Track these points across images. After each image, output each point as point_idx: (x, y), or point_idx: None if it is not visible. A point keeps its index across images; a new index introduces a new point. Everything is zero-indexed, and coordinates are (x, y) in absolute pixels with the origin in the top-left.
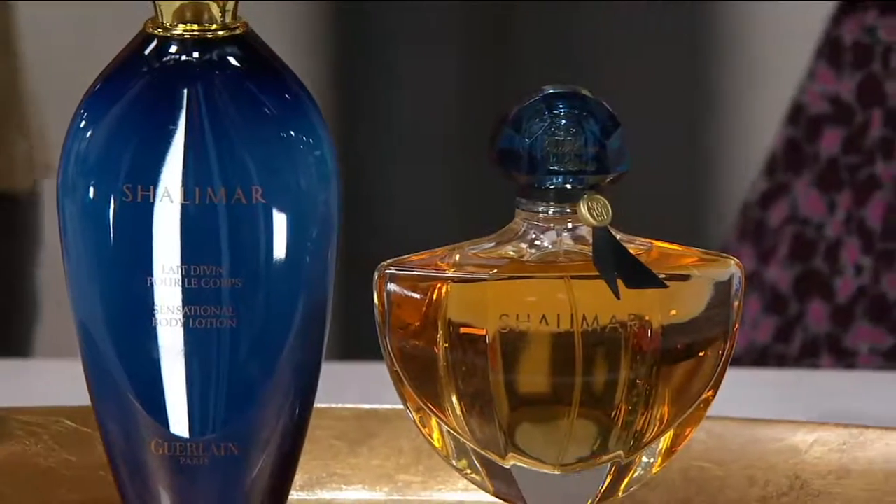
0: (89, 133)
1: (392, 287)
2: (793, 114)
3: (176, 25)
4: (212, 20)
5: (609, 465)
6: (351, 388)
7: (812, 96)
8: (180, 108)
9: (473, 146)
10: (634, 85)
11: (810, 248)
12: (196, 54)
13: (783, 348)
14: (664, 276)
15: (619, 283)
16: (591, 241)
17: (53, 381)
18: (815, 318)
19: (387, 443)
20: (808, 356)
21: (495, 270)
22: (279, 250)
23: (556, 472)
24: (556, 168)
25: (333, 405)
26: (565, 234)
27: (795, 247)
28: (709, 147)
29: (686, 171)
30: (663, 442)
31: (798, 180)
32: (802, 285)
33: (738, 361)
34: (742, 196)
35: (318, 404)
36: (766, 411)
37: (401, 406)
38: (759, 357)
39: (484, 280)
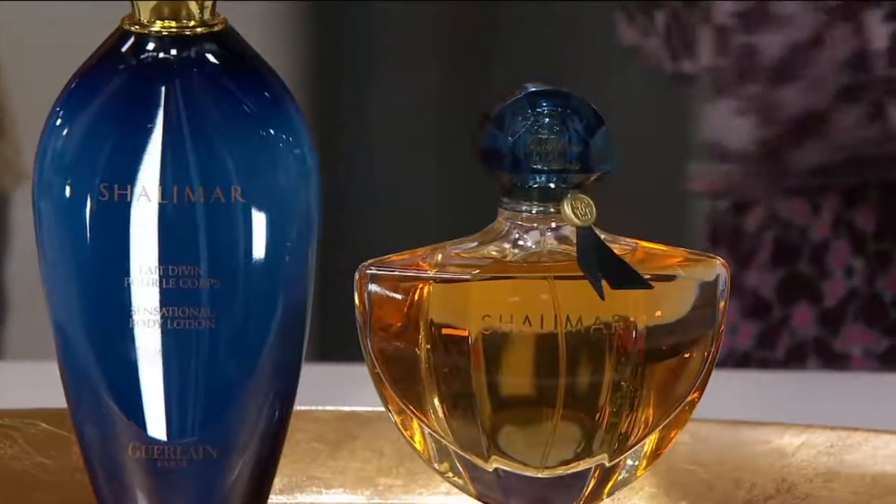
0: (65, 131)
1: (373, 287)
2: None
3: (153, 22)
4: (190, 17)
5: (593, 467)
6: (331, 390)
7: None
8: (158, 105)
9: (455, 145)
10: (618, 83)
11: (794, 251)
12: (174, 51)
13: (767, 353)
14: (649, 276)
15: (604, 283)
16: (574, 241)
17: (26, 383)
18: (802, 322)
19: (368, 445)
20: (794, 360)
21: (478, 271)
22: (258, 250)
23: (540, 475)
24: (539, 167)
25: (313, 407)
26: (549, 233)
27: (777, 250)
28: (696, 145)
29: (672, 170)
30: (648, 444)
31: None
32: (786, 289)
33: (719, 367)
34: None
35: (297, 406)
36: (753, 413)
37: (382, 408)
38: (740, 362)
39: (466, 280)
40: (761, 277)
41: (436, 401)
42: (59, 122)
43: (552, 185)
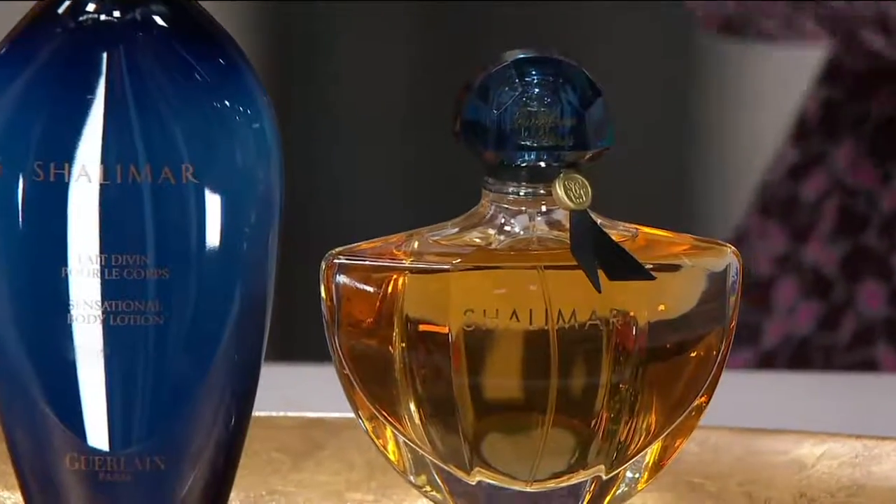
0: None
1: (341, 279)
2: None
3: None
4: None
5: (589, 481)
6: (294, 394)
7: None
8: (99, 74)
9: (430, 122)
10: (614, 55)
11: (860, 222)
12: (117, 13)
13: (829, 338)
14: (651, 266)
15: (601, 273)
16: (568, 226)
17: None
18: (870, 302)
19: (335, 456)
20: (861, 345)
21: (459, 260)
22: (213, 236)
23: (529, 489)
24: (528, 143)
25: (274, 413)
26: (539, 218)
27: (841, 221)
28: (701, 122)
29: (676, 147)
30: (650, 455)
31: (838, 148)
32: (852, 265)
33: (773, 357)
34: (741, 171)
35: (256, 412)
36: (768, 420)
37: (351, 414)
38: (798, 349)
39: (446, 271)
40: (822, 252)
41: (412, 406)
42: None
43: (542, 164)
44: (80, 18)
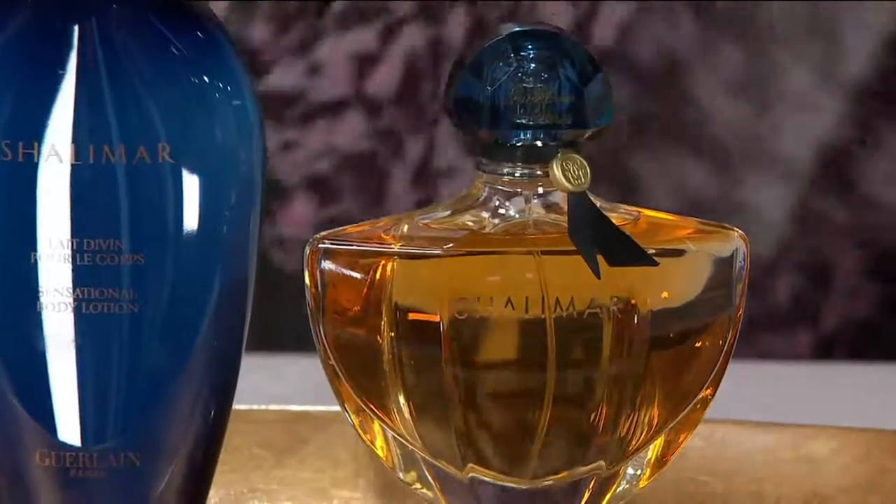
0: None
1: (327, 265)
2: None
3: None
4: None
5: (589, 478)
6: (277, 386)
7: None
8: (70, 47)
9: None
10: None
11: None
12: None
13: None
14: (654, 251)
15: (600, 259)
16: (565, 208)
17: None
18: None
19: (320, 452)
20: None
21: (451, 244)
22: (191, 219)
23: (525, 487)
24: (524, 121)
25: (255, 407)
26: (535, 200)
27: None
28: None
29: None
30: (653, 450)
31: None
32: None
33: (830, 346)
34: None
35: (237, 405)
36: (778, 413)
37: (337, 407)
38: (858, 334)
39: (437, 256)
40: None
41: (401, 399)
42: None
43: (539, 143)
44: None
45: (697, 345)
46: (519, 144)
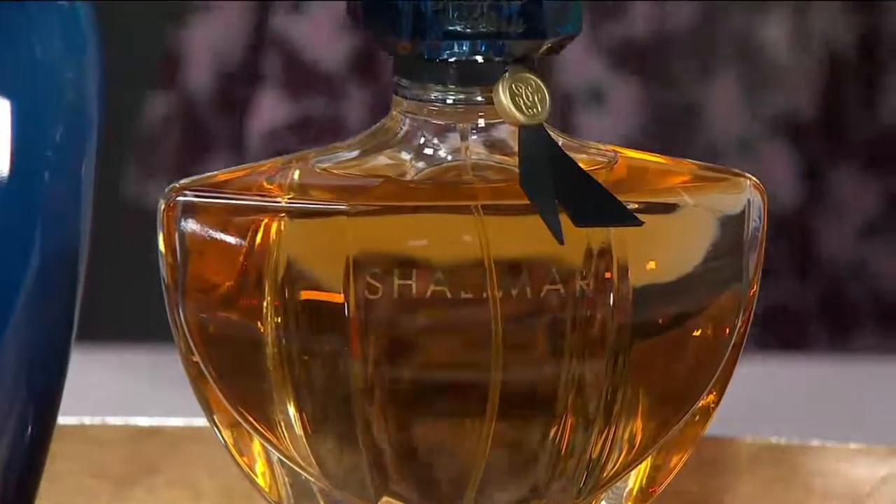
0: None
1: (189, 225)
2: None
3: None
4: None
5: None
6: (118, 392)
7: None
8: None
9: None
10: None
11: None
12: None
13: None
14: (636, 205)
15: (563, 217)
16: (516, 148)
17: None
18: None
19: (177, 480)
20: None
21: (360, 198)
22: (0, 162)
23: None
24: (458, 28)
25: (88, 420)
26: (474, 136)
27: None
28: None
29: None
30: (635, 478)
31: None
32: None
33: (760, 349)
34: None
35: (62, 418)
36: (808, 427)
37: (203, 420)
38: None
39: (342, 213)
40: None
41: (291, 408)
42: None
43: (479, 59)
44: None
45: (696, 334)
46: (452, 60)
